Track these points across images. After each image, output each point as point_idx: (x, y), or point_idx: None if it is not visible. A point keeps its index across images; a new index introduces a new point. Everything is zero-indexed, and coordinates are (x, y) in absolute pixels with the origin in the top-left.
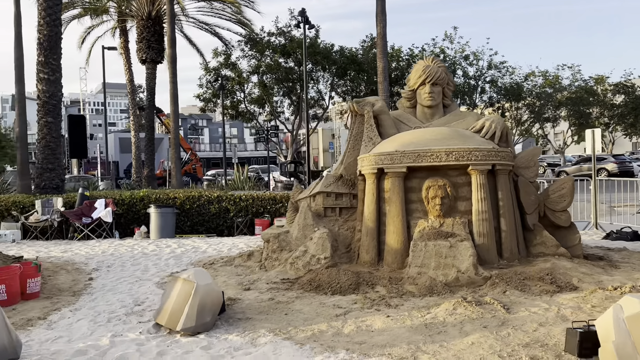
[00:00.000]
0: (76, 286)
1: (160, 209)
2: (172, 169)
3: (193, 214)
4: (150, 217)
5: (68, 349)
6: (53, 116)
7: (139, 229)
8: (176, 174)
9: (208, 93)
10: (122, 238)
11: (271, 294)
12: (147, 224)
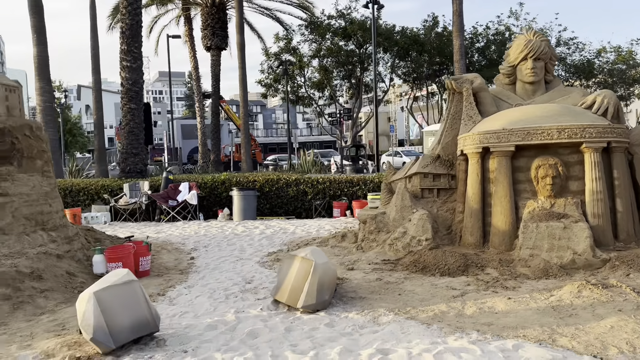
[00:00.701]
0: (180, 265)
1: (243, 192)
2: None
3: (272, 197)
4: (233, 199)
5: (198, 324)
6: (136, 103)
7: (222, 211)
8: (246, 159)
9: (269, 78)
10: (206, 220)
11: (377, 275)
12: (229, 206)
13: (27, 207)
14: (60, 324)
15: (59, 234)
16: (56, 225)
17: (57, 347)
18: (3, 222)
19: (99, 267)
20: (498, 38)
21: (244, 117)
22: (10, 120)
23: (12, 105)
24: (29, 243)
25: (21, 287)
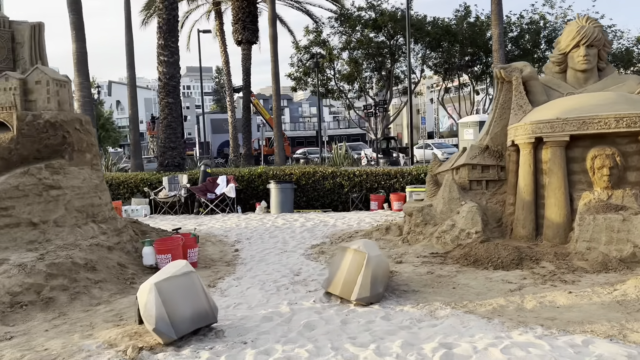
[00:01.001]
0: (226, 257)
1: (280, 185)
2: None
3: (308, 190)
4: (271, 192)
5: (253, 315)
6: (173, 97)
7: (259, 204)
8: (279, 152)
9: (299, 72)
10: (244, 212)
11: (427, 268)
12: (266, 199)
13: (79, 199)
14: (118, 315)
15: (109, 226)
16: (106, 217)
17: (119, 337)
18: (56, 215)
19: (149, 258)
20: (532, 27)
21: (276, 110)
22: (61, 115)
23: (63, 100)
24: (82, 235)
25: (77, 278)
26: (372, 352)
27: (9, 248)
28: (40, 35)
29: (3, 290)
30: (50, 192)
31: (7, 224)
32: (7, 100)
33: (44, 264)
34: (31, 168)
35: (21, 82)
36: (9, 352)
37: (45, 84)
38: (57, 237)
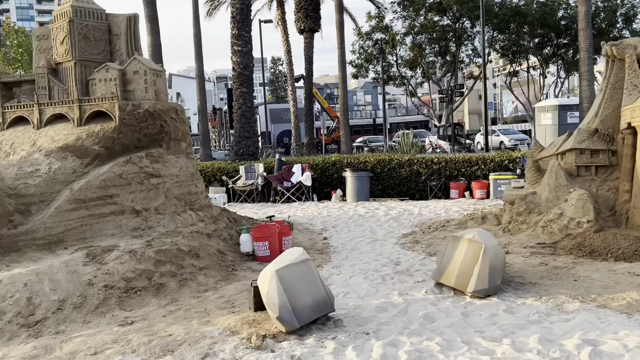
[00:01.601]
0: (316, 245)
1: (357, 173)
2: (342, 135)
3: (384, 178)
4: (347, 180)
5: (366, 305)
6: (247, 87)
7: (335, 192)
8: (346, 140)
9: (361, 59)
10: (319, 201)
11: (539, 259)
12: (341, 187)
13: (177, 187)
14: (229, 302)
15: (206, 213)
16: (202, 205)
17: (238, 324)
18: (157, 203)
19: (246, 246)
20: (607, 5)
21: (343, 98)
22: (159, 104)
23: (159, 90)
24: (182, 222)
25: (183, 265)
26: (509, 347)
27: (115, 235)
28: (136, 27)
29: (118, 275)
30: (150, 180)
31: (113, 212)
32: (108, 91)
33: (152, 250)
34: (133, 157)
35: (120, 73)
36: (136, 337)
37: (143, 74)
38: (158, 224)
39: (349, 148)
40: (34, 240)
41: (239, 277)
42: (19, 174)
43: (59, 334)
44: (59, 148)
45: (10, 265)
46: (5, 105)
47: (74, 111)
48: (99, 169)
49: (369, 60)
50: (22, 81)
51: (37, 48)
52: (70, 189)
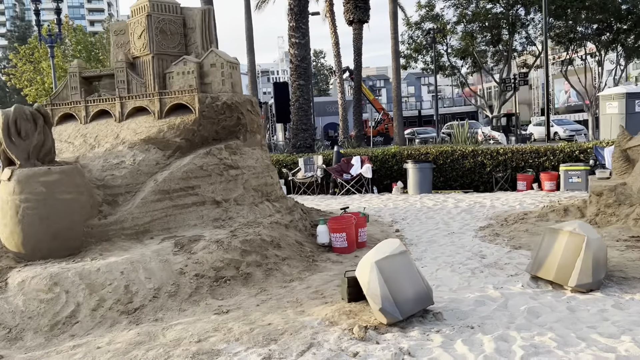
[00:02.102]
0: (389, 237)
1: (419, 164)
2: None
3: (446, 169)
4: (408, 172)
5: (463, 299)
6: (304, 79)
7: (396, 184)
8: (399, 132)
9: (410, 49)
10: (379, 193)
11: (637, 253)
12: (401, 179)
13: (255, 179)
14: (317, 292)
15: (282, 204)
16: (278, 196)
17: (335, 315)
18: (236, 194)
19: (324, 237)
20: None
21: (396, 89)
22: (235, 96)
23: (235, 82)
24: (260, 213)
25: (267, 255)
26: (632, 344)
27: (197, 225)
28: (210, 20)
29: (207, 265)
30: (229, 171)
31: (195, 202)
32: (185, 84)
33: (238, 240)
34: (212, 149)
35: (197, 66)
36: (236, 325)
37: (220, 66)
38: (238, 215)
39: (401, 139)
40: (122, 230)
41: (320, 268)
42: (105, 165)
43: (158, 321)
44: (141, 140)
45: (103, 254)
46: (88, 99)
47: (155, 104)
48: (180, 161)
49: (418, 50)
50: (102, 75)
51: (115, 43)
52: (154, 180)
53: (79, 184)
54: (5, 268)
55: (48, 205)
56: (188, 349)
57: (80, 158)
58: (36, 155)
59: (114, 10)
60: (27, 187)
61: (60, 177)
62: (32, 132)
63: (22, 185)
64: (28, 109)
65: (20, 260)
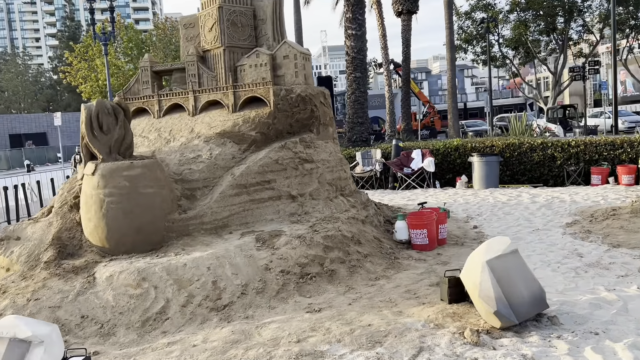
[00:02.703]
0: (468, 234)
1: (485, 158)
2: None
3: (513, 163)
4: (473, 166)
5: (574, 301)
6: (361, 71)
7: (460, 178)
8: (454, 124)
9: (461, 38)
10: (442, 187)
11: None
12: (465, 173)
13: (329, 173)
14: (409, 291)
15: (356, 199)
16: (351, 190)
17: (439, 317)
18: (311, 188)
19: (402, 233)
20: None
21: (451, 80)
22: (309, 89)
23: (308, 74)
24: (336, 208)
25: (349, 251)
26: None
27: (274, 220)
28: (281, 11)
29: (292, 261)
30: (304, 165)
31: (271, 197)
32: (258, 77)
33: (320, 236)
34: (288, 142)
35: (270, 58)
36: (334, 325)
37: (293, 57)
38: (314, 209)
39: (457, 132)
40: (202, 225)
41: (404, 266)
42: (182, 159)
43: (249, 319)
44: (217, 134)
45: (186, 249)
46: (161, 93)
47: (229, 97)
48: (255, 155)
49: (469, 40)
50: (172, 69)
51: (184, 36)
52: (231, 175)
53: (160, 178)
54: (91, 262)
55: (131, 200)
56: (289, 349)
57: (156, 152)
58: (117, 149)
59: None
60: (111, 181)
61: (142, 171)
62: (113, 126)
63: (106, 179)
64: (109, 103)
65: (104, 254)
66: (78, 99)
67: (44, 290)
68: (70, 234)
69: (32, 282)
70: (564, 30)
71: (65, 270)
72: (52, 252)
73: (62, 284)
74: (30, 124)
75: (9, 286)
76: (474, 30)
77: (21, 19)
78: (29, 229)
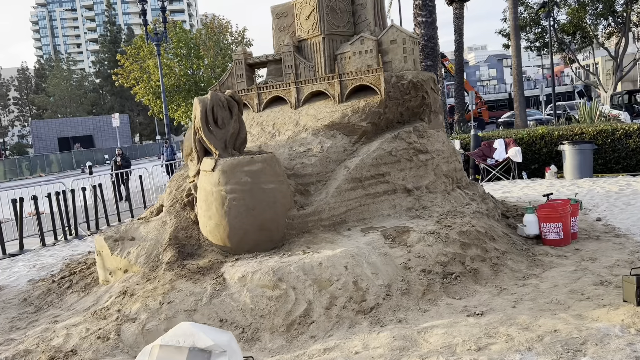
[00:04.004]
0: (595, 227)
1: (578, 146)
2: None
3: (606, 151)
4: (564, 155)
5: None
6: (432, 59)
7: (549, 168)
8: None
9: None
10: (529, 178)
11: None
12: (549, 163)
13: (445, 164)
14: (574, 292)
15: (474, 192)
16: (467, 182)
17: (636, 321)
18: (427, 180)
19: (533, 227)
20: None
21: (517, 67)
22: (420, 74)
23: (416, 58)
24: (456, 202)
25: (487, 248)
26: None
27: (390, 215)
28: None
29: (431, 259)
30: (419, 156)
31: (385, 191)
32: (363, 64)
33: (454, 232)
34: (401, 132)
35: (376, 44)
36: (512, 331)
37: (402, 42)
38: (432, 203)
39: (524, 122)
40: (320, 221)
41: (547, 263)
42: (292, 154)
43: (403, 323)
44: (325, 126)
45: (311, 247)
46: (260, 85)
47: (334, 87)
48: (367, 146)
49: (522, 27)
50: (267, 61)
51: (277, 26)
52: (345, 168)
53: (279, 173)
54: (215, 262)
55: (254, 196)
56: (476, 358)
57: (263, 147)
58: (232, 144)
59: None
60: (232, 177)
61: (263, 166)
62: (228, 120)
63: (228, 175)
64: (223, 96)
65: (226, 253)
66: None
67: (174, 292)
68: (186, 233)
69: (158, 284)
70: (624, 11)
71: (190, 271)
72: (172, 253)
73: (191, 286)
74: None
75: (134, 289)
76: (527, 16)
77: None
78: (142, 228)
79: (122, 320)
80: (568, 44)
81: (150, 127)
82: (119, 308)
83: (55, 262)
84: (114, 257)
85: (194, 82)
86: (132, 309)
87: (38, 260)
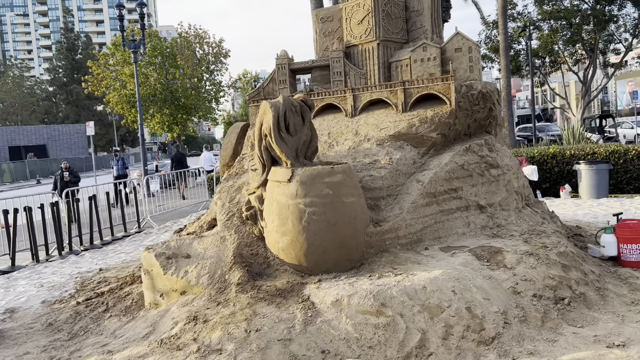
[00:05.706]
0: None
1: (595, 166)
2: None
3: (618, 171)
4: (580, 174)
5: None
6: None
7: (564, 188)
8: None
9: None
10: (543, 197)
11: None
12: (563, 182)
13: (515, 179)
14: None
15: (543, 210)
16: (534, 200)
17: None
18: (499, 197)
19: (611, 248)
20: None
21: (506, 87)
22: (488, 85)
23: (480, 68)
24: (530, 220)
25: (584, 271)
26: None
27: (465, 234)
28: (439, 2)
29: (539, 283)
30: (490, 171)
31: (458, 207)
32: (425, 72)
33: (554, 253)
34: (472, 145)
35: (439, 51)
36: None
37: (467, 50)
38: (506, 222)
39: (513, 141)
40: (397, 239)
41: None
42: (357, 165)
43: (535, 355)
44: (390, 137)
45: (396, 267)
46: (311, 92)
47: (397, 96)
48: (437, 159)
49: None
50: (312, 67)
51: (321, 31)
52: (418, 182)
53: (357, 186)
54: (295, 284)
55: (335, 210)
56: None
57: (322, 157)
58: (304, 152)
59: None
60: (312, 190)
61: (343, 177)
62: (300, 127)
63: (307, 187)
64: (296, 101)
65: (301, 273)
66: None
67: (258, 318)
68: (251, 250)
69: (236, 309)
70: (592, 39)
71: (269, 294)
72: (241, 272)
73: (275, 311)
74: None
75: (206, 313)
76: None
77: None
78: (197, 244)
79: (206, 352)
80: (539, 67)
81: (106, 138)
82: (194, 337)
83: (65, 281)
84: (168, 276)
85: (170, 92)
86: (213, 337)
87: (40, 278)
